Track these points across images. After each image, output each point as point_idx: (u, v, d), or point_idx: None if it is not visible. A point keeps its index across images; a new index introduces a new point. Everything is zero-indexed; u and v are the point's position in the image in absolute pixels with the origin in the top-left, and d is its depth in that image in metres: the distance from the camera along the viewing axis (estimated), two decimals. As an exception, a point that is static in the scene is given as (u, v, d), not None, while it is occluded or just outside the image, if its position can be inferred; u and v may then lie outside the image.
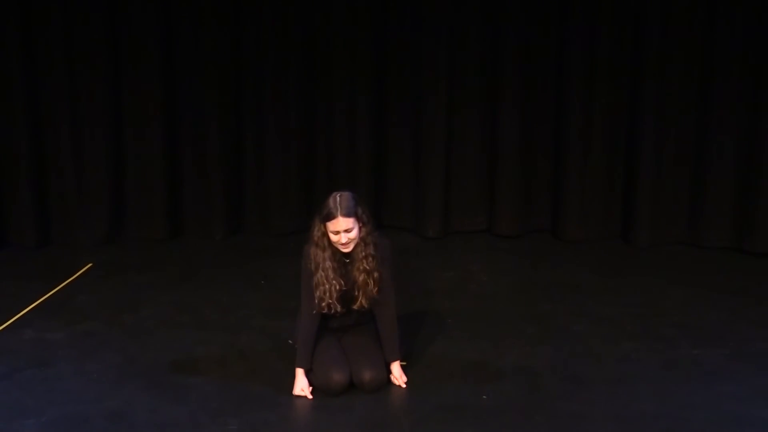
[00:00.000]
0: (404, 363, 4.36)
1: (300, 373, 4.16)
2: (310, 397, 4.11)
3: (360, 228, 4.05)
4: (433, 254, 6.22)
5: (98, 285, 5.55)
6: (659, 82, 6.08)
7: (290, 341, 4.49)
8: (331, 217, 3.99)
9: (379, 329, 4.25)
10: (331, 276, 4.07)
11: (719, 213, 6.17)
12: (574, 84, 6.20)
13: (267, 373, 4.34)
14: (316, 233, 4.08)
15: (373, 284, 4.10)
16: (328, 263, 4.07)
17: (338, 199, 4.01)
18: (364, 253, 4.08)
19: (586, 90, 6.21)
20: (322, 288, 4.08)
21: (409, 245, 6.33)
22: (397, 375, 4.23)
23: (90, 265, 5.88)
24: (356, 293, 4.12)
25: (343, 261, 4.12)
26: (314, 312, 4.12)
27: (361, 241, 4.07)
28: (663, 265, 5.94)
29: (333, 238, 4.03)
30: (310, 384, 4.15)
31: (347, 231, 4.00)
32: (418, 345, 4.66)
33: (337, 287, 4.08)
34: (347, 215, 3.98)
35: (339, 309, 4.13)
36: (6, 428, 3.84)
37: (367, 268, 4.08)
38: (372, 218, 4.16)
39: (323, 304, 4.09)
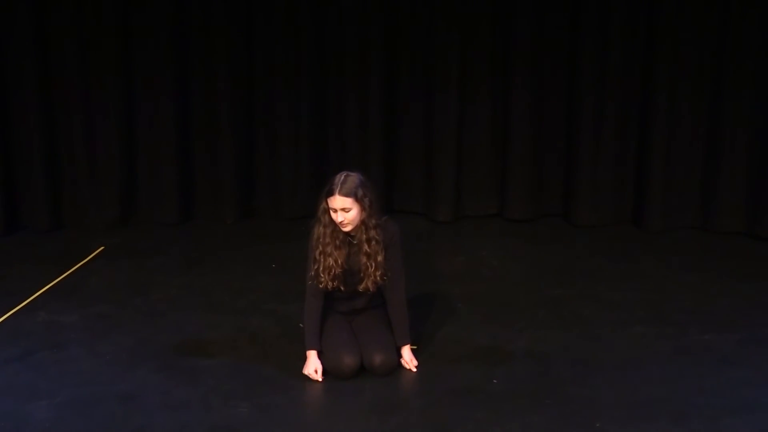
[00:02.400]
0: (415, 347, 4.37)
1: (313, 354, 4.17)
2: (320, 378, 4.12)
3: (360, 211, 4.05)
4: (444, 238, 6.22)
5: (110, 268, 5.57)
6: (672, 66, 6.05)
7: (301, 325, 4.50)
8: (330, 193, 4.03)
9: (389, 313, 4.26)
10: (328, 252, 4.08)
11: (731, 198, 6.14)
12: (587, 69, 6.17)
13: (278, 356, 4.36)
14: (320, 209, 4.12)
15: (375, 268, 4.10)
16: (327, 239, 4.09)
17: (342, 177, 4.05)
18: (365, 237, 4.08)
19: (598, 74, 6.17)
20: (320, 265, 4.09)
21: (420, 229, 6.33)
22: (408, 359, 4.24)
23: (102, 248, 5.91)
24: (361, 275, 4.13)
25: (349, 242, 4.13)
26: (317, 289, 4.12)
27: (362, 224, 4.08)
28: (674, 250, 5.92)
29: (332, 215, 4.06)
30: (322, 365, 4.14)
31: (344, 210, 4.01)
32: (428, 329, 4.67)
33: (336, 265, 4.09)
34: (346, 195, 4.00)
35: (342, 288, 4.14)
36: (20, 409, 3.88)
37: (368, 251, 4.09)
38: (377, 204, 4.13)
39: (321, 280, 4.09)
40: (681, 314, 4.87)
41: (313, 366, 4.15)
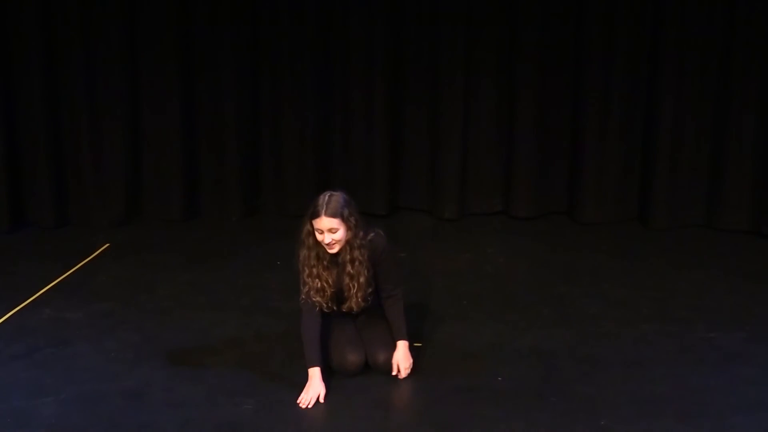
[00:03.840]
0: (419, 344, 4.37)
1: (316, 373, 3.97)
2: (310, 404, 3.91)
3: (347, 230, 3.97)
4: (449, 236, 6.21)
5: (115, 265, 5.58)
6: (678, 63, 6.04)
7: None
8: (315, 215, 3.93)
9: (387, 316, 4.21)
10: (315, 274, 4.02)
11: (737, 196, 6.13)
12: (592, 65, 6.16)
13: (283, 353, 4.36)
14: (304, 231, 4.02)
15: (357, 289, 4.03)
16: (313, 262, 4.02)
17: (327, 198, 3.95)
18: (349, 257, 4.00)
19: (604, 71, 6.17)
20: (309, 287, 4.03)
21: (425, 227, 6.33)
22: (401, 356, 4.12)
23: (107, 245, 5.91)
24: (346, 295, 4.08)
25: (334, 261, 4.06)
26: (312, 306, 4.05)
27: (347, 244, 4.00)
28: (680, 248, 5.91)
29: (318, 237, 3.98)
30: (327, 362, 4.12)
31: (331, 231, 3.93)
32: (433, 326, 4.66)
33: (328, 286, 4.03)
34: (332, 215, 3.91)
35: (334, 308, 4.09)
36: (25, 406, 3.88)
37: (351, 272, 4.02)
38: (361, 222, 4.03)
39: (316, 302, 4.03)
40: (686, 312, 4.86)
41: (315, 391, 3.92)
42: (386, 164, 6.43)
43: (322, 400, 3.94)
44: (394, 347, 4.17)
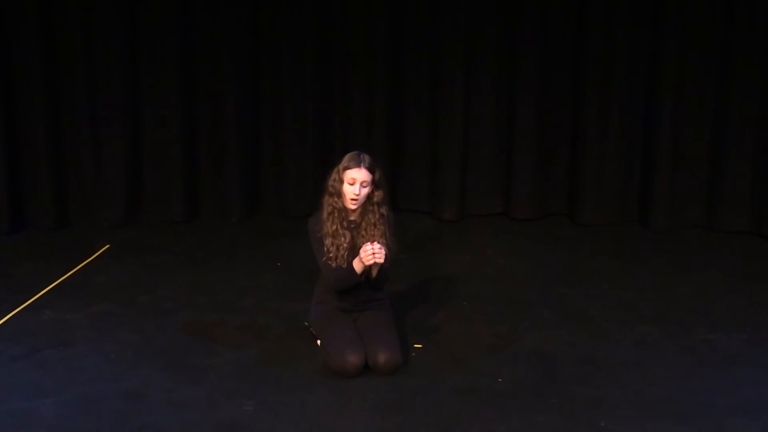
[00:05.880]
0: (419, 345, 4.37)
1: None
2: (375, 248, 3.97)
3: (372, 191, 4.11)
4: (449, 237, 6.22)
5: (116, 266, 5.58)
6: (678, 65, 6.04)
7: (306, 323, 4.50)
8: (353, 165, 4.07)
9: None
10: (342, 227, 4.12)
11: (737, 197, 6.13)
12: (592, 67, 6.16)
13: (283, 354, 4.36)
14: (332, 181, 4.13)
15: (386, 246, 4.09)
16: (343, 213, 4.11)
17: (362, 155, 4.12)
18: (378, 215, 4.13)
19: (604, 73, 6.17)
20: (331, 239, 4.12)
21: (425, 228, 6.33)
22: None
23: (108, 246, 5.91)
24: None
25: (348, 225, 4.17)
26: (331, 264, 4.14)
27: (375, 206, 4.13)
28: (680, 249, 5.92)
29: (347, 188, 4.09)
30: (327, 364, 4.16)
31: (363, 184, 4.06)
32: (433, 327, 4.67)
33: (346, 238, 4.12)
34: (369, 169, 4.08)
35: (344, 266, 4.16)
36: (25, 407, 3.88)
37: (377, 232, 4.13)
38: (388, 191, 4.20)
39: (331, 255, 4.12)
40: (686, 313, 4.86)
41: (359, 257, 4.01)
42: (387, 165, 6.42)
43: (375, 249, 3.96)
44: (395, 348, 4.18)
